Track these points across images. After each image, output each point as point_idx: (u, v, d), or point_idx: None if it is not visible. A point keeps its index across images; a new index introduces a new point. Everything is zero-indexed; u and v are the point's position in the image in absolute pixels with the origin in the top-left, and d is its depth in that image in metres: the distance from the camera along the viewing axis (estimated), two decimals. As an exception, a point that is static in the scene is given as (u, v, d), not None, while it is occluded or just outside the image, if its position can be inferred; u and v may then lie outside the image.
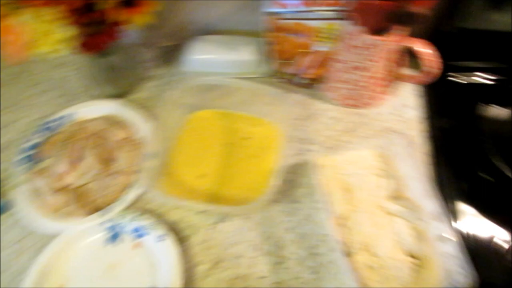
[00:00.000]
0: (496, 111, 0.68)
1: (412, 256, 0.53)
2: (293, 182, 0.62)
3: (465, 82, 0.73)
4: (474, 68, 0.74)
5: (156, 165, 0.59)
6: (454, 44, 0.69)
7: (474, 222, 0.57)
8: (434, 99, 0.70)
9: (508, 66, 0.69)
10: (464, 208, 0.59)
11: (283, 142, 0.62)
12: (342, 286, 0.53)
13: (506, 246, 0.56)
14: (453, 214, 0.57)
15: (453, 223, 0.56)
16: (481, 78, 0.73)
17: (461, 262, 0.48)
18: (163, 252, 0.54)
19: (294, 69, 0.68)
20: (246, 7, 0.71)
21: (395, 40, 0.56)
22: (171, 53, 0.78)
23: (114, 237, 0.57)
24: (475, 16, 0.63)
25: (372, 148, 0.61)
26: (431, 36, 0.66)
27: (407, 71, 0.72)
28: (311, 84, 0.70)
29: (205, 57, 0.73)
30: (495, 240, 0.56)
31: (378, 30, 0.56)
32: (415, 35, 0.58)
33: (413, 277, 0.51)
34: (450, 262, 0.49)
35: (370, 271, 0.52)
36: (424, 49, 0.56)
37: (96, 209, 0.58)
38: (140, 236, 0.56)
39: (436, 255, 0.51)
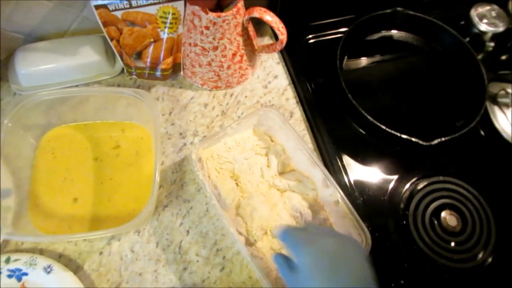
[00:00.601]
0: (352, 62, 0.89)
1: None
2: (179, 182, 0.70)
3: (321, 40, 0.91)
4: (327, 24, 0.92)
5: (15, 202, 0.62)
6: (303, 4, 0.87)
7: (359, 174, 0.74)
8: (297, 63, 0.84)
9: (356, 16, 0.88)
10: (346, 162, 0.75)
11: (156, 142, 0.70)
12: (251, 275, 0.63)
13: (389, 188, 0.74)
14: (337, 170, 0.74)
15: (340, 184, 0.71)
16: (335, 34, 0.92)
17: (356, 220, 0.60)
18: (57, 283, 0.58)
19: (146, 62, 0.74)
20: (72, 4, 0.73)
21: (237, 13, 0.66)
22: None
23: None
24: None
25: (250, 127, 0.71)
26: (279, 2, 0.82)
27: (263, 42, 0.88)
28: (169, 74, 0.77)
29: (40, 68, 0.74)
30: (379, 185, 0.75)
31: (217, 6, 0.66)
32: (259, 5, 0.71)
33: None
34: (348, 223, 0.62)
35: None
36: (270, 16, 0.67)
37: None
38: (22, 276, 0.59)
39: (334, 219, 0.65)
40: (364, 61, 0.88)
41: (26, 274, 0.60)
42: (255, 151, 0.71)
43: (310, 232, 0.50)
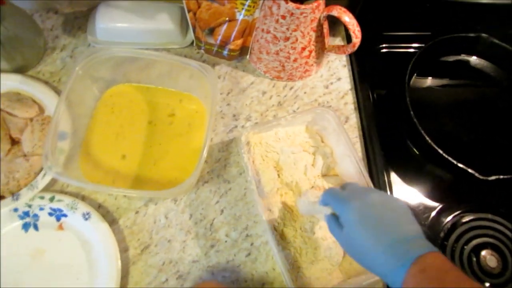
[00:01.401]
0: (421, 81, 0.85)
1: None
2: (224, 161, 0.71)
3: (393, 51, 0.89)
4: (403, 37, 0.89)
5: (69, 146, 0.65)
6: (382, 13, 0.84)
7: (403, 193, 0.72)
8: (363, 69, 0.82)
9: (436, 34, 0.85)
10: (393, 179, 0.73)
11: (210, 118, 0.71)
12: (275, 267, 0.63)
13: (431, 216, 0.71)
14: (382, 186, 0.72)
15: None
16: (409, 47, 0.89)
17: None
18: (92, 230, 0.61)
19: (216, 39, 0.75)
20: None
21: (316, 7, 0.65)
22: (78, 20, 0.81)
23: (34, 222, 0.63)
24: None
25: (303, 123, 0.71)
26: (360, 6, 0.80)
27: (334, 42, 0.86)
28: (235, 55, 0.78)
29: (117, 25, 0.76)
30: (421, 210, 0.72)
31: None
32: (340, 4, 0.70)
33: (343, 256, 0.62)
34: None
35: (305, 252, 0.62)
36: (348, 18, 0.67)
37: (4, 196, 0.62)
38: (62, 216, 0.62)
39: None
40: (433, 81, 0.85)
41: (65, 215, 0.63)
42: (303, 148, 0.70)
43: (351, 190, 0.51)
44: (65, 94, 0.63)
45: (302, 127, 0.72)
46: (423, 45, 0.81)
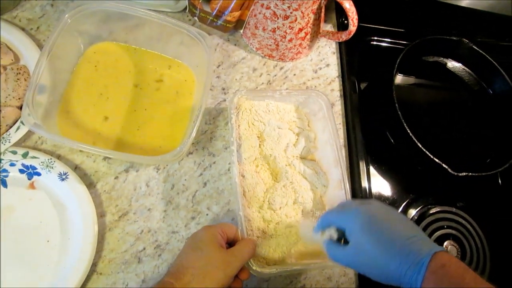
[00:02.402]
0: (401, 77, 0.86)
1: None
2: (210, 134, 0.68)
3: (381, 45, 0.89)
4: (390, 32, 0.89)
5: (47, 101, 0.59)
6: (374, 7, 0.84)
7: (379, 182, 0.73)
8: (351, 59, 0.82)
9: (418, 33, 0.86)
10: (371, 167, 0.73)
11: (199, 88, 0.68)
12: None
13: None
14: (361, 174, 0.72)
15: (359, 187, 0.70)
16: (395, 43, 0.90)
17: None
18: (68, 191, 0.56)
19: (213, 8, 0.71)
20: None
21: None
22: None
23: (2, 178, 0.57)
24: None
25: (295, 103, 0.69)
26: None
27: (324, 27, 0.84)
28: (230, 27, 0.74)
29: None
30: (394, 199, 0.73)
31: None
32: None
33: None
34: None
35: (266, 225, 0.61)
36: (349, 4, 0.66)
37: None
38: (34, 175, 0.57)
39: None
40: (412, 79, 0.86)
41: (39, 174, 0.58)
42: (290, 126, 0.69)
43: (350, 204, 0.51)
44: (50, 44, 0.58)
45: (293, 106, 0.71)
46: (409, 42, 0.82)
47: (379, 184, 0.73)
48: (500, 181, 0.82)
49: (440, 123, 0.83)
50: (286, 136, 0.67)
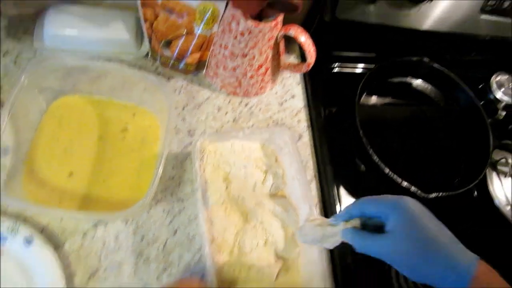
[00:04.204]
0: (370, 99, 0.85)
1: (281, 258, 0.61)
2: (178, 179, 0.65)
3: (345, 71, 0.88)
4: (354, 58, 0.89)
5: (11, 163, 0.57)
6: (336, 34, 0.82)
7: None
8: (316, 87, 0.80)
9: (383, 56, 0.85)
10: (342, 194, 0.71)
11: (164, 133, 0.66)
12: None
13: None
14: (333, 201, 0.70)
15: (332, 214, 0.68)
16: (359, 68, 0.89)
17: (323, 269, 0.57)
18: (34, 256, 0.54)
19: (173, 52, 0.70)
20: None
21: (275, 26, 0.63)
22: (24, 24, 0.72)
23: None
24: (353, 8, 0.76)
25: (260, 140, 0.68)
26: (314, 26, 0.78)
27: (289, 60, 0.83)
28: (192, 69, 0.73)
29: (68, 32, 0.69)
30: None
31: (257, 15, 0.62)
32: (295, 23, 0.67)
33: (278, 280, 0.59)
34: (315, 269, 0.58)
35: (238, 271, 0.58)
36: (305, 38, 0.65)
37: None
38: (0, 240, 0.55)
39: (304, 261, 0.60)
40: (381, 100, 0.85)
41: (5, 239, 0.55)
42: (256, 164, 0.68)
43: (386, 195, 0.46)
44: (9, 106, 0.56)
45: (258, 144, 0.69)
46: (372, 66, 0.81)
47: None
48: (475, 194, 0.80)
49: (410, 142, 0.81)
50: (254, 175, 0.65)
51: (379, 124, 0.82)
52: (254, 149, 0.68)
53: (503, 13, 0.80)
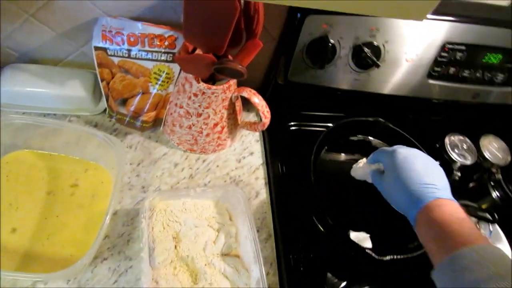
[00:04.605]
0: (331, 155, 0.87)
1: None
2: (127, 236, 0.65)
3: (303, 129, 0.91)
4: (311, 116, 0.92)
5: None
6: (290, 95, 0.87)
7: (308, 271, 0.69)
8: (275, 145, 0.83)
9: (342, 115, 0.89)
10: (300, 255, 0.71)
11: (116, 189, 0.66)
12: None
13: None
14: (288, 264, 0.69)
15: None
16: (317, 126, 0.92)
17: None
18: None
19: (129, 110, 0.72)
20: (75, 38, 0.72)
21: (227, 88, 0.66)
22: None
23: None
24: (304, 72, 0.81)
25: (214, 198, 0.68)
26: (270, 88, 0.82)
27: (248, 118, 0.86)
28: (148, 127, 0.75)
29: (24, 89, 0.71)
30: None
31: (210, 77, 0.65)
32: (251, 83, 0.71)
33: None
34: None
35: None
36: (258, 99, 0.67)
37: None
38: None
39: None
40: (342, 157, 0.87)
41: None
42: (209, 223, 0.67)
43: (399, 146, 0.61)
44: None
45: (212, 202, 0.69)
46: (329, 124, 0.84)
47: (311, 272, 0.69)
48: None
49: (367, 203, 0.82)
50: (205, 234, 0.65)
51: (338, 182, 0.83)
52: (207, 207, 0.68)
53: (450, 78, 0.85)
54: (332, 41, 0.70)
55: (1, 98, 0.70)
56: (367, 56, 0.72)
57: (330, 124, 0.85)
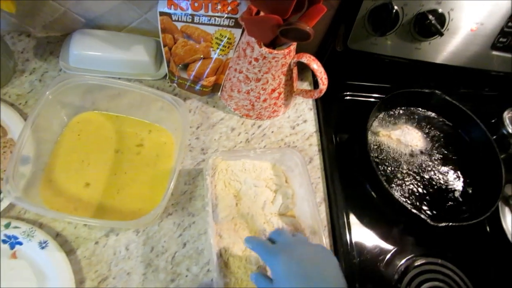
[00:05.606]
0: (381, 128, 0.90)
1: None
2: (189, 194, 0.70)
3: (357, 99, 0.93)
4: (366, 86, 0.94)
5: (31, 171, 0.62)
6: (348, 64, 0.89)
7: (361, 234, 0.74)
8: (328, 114, 0.86)
9: (396, 86, 0.90)
10: (352, 220, 0.75)
11: (178, 150, 0.71)
12: None
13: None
14: (342, 226, 0.73)
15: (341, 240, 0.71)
16: (371, 96, 0.94)
17: None
18: (48, 260, 0.58)
19: (190, 75, 0.77)
20: (140, 4, 0.76)
21: (288, 54, 0.68)
22: (50, 45, 0.80)
23: None
24: (365, 39, 0.83)
25: (271, 160, 0.72)
26: (327, 55, 0.85)
27: (302, 87, 0.89)
28: (207, 91, 0.79)
29: (91, 53, 0.76)
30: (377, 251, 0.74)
31: (271, 42, 0.68)
32: (308, 51, 0.73)
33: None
34: None
35: (245, 285, 0.61)
36: (317, 65, 0.70)
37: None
38: (16, 244, 0.59)
39: None
40: (396, 127, 0.89)
41: (20, 243, 0.60)
42: (267, 184, 0.71)
43: (282, 243, 0.54)
44: (32, 118, 0.62)
45: (269, 164, 0.73)
46: (384, 95, 0.86)
47: (361, 237, 0.73)
48: (488, 229, 0.82)
49: (420, 172, 0.84)
50: (263, 194, 0.69)
51: (390, 153, 0.86)
52: (265, 169, 0.72)
53: (515, 50, 0.84)
54: (396, 7, 0.71)
55: (71, 61, 0.76)
56: (431, 24, 0.73)
57: (384, 96, 0.86)
